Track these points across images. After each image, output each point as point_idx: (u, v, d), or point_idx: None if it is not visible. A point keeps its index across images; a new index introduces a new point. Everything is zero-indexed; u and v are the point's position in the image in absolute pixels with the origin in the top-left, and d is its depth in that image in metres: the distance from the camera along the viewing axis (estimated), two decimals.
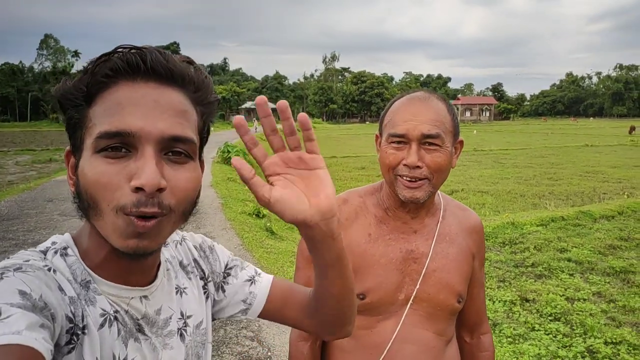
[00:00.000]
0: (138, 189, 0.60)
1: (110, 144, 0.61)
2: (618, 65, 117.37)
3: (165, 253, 0.83)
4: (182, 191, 0.64)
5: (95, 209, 0.62)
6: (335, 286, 0.76)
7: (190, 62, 0.68)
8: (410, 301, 1.14)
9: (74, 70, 78.47)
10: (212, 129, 0.76)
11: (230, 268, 0.91)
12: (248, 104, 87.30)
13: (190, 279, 0.85)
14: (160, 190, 0.61)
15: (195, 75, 0.67)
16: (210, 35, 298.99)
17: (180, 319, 0.78)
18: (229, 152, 15.24)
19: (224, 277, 0.89)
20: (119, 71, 0.62)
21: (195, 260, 0.87)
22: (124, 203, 0.60)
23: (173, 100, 0.64)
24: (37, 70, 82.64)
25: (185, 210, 0.67)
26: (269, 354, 3.50)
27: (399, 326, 1.13)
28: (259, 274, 0.92)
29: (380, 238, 1.16)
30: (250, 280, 0.90)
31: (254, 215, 8.18)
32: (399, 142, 1.08)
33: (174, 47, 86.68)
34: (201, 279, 0.87)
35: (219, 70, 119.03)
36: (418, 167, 1.06)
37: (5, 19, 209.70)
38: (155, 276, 0.76)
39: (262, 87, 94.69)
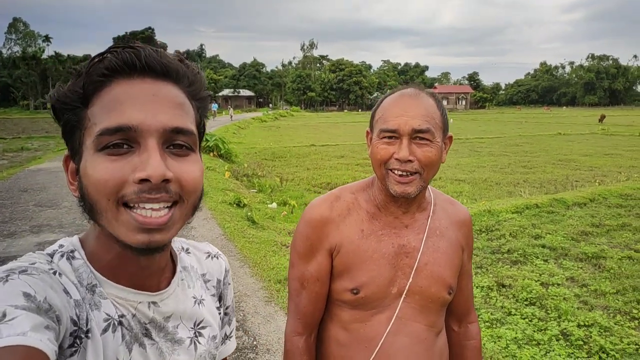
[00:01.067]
0: (143, 181, 0.59)
1: (112, 140, 0.60)
2: (590, 55, 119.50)
3: (185, 260, 0.83)
4: (188, 182, 0.64)
5: (99, 208, 0.61)
6: None
7: (181, 59, 0.68)
8: (404, 295, 1.17)
9: (44, 56, 76.09)
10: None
11: (227, 314, 0.93)
12: (225, 92, 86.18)
13: (208, 289, 0.85)
14: (166, 181, 0.61)
15: (188, 70, 0.68)
16: (187, 21, 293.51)
17: (192, 328, 0.78)
18: (207, 140, 15.09)
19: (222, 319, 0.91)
20: (114, 69, 0.62)
21: (219, 282, 0.89)
22: (124, 193, 0.60)
23: (170, 93, 0.64)
24: (5, 56, 79.70)
25: (194, 203, 0.67)
26: (255, 342, 3.54)
27: (393, 319, 1.16)
28: (230, 337, 0.95)
29: (372, 234, 1.18)
30: (224, 339, 0.93)
31: (234, 205, 8.17)
32: (390, 137, 1.10)
33: (148, 33, 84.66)
34: (218, 300, 0.88)
35: (196, 57, 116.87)
36: (409, 161, 1.09)
37: None
38: (169, 283, 0.75)
39: (239, 74, 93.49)
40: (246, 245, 5.89)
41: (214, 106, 46.38)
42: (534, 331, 3.89)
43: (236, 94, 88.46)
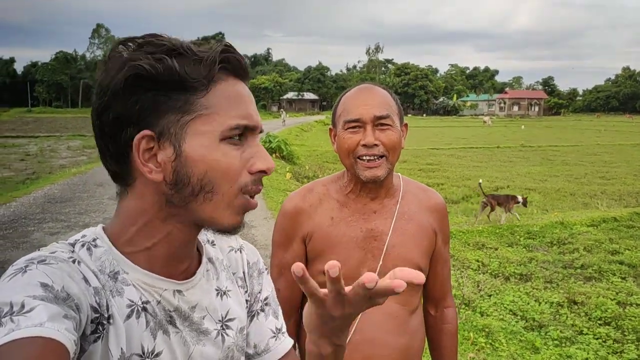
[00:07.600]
0: (260, 172, 0.69)
1: (237, 133, 0.67)
2: None
3: (211, 252, 0.82)
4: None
5: (212, 191, 0.66)
6: None
7: None
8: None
9: None
10: None
11: (268, 304, 0.88)
12: (290, 95, 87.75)
13: (235, 281, 0.84)
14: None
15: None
16: (256, 25, 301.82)
17: (219, 321, 0.77)
18: (270, 142, 15.38)
19: (259, 309, 0.87)
20: (231, 69, 0.69)
21: (244, 274, 0.86)
22: (246, 182, 0.68)
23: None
24: (89, 59, 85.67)
25: None
26: None
27: None
28: (284, 332, 0.89)
29: (342, 220, 1.29)
30: (275, 333, 0.87)
31: None
32: (354, 127, 1.22)
33: (218, 37, 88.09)
34: (245, 293, 0.86)
35: (262, 60, 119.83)
36: (375, 145, 1.20)
37: (62, 10, 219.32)
38: (194, 274, 0.75)
39: (304, 78, 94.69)
40: None
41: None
42: (609, 353, 3.59)
43: (300, 97, 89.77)
